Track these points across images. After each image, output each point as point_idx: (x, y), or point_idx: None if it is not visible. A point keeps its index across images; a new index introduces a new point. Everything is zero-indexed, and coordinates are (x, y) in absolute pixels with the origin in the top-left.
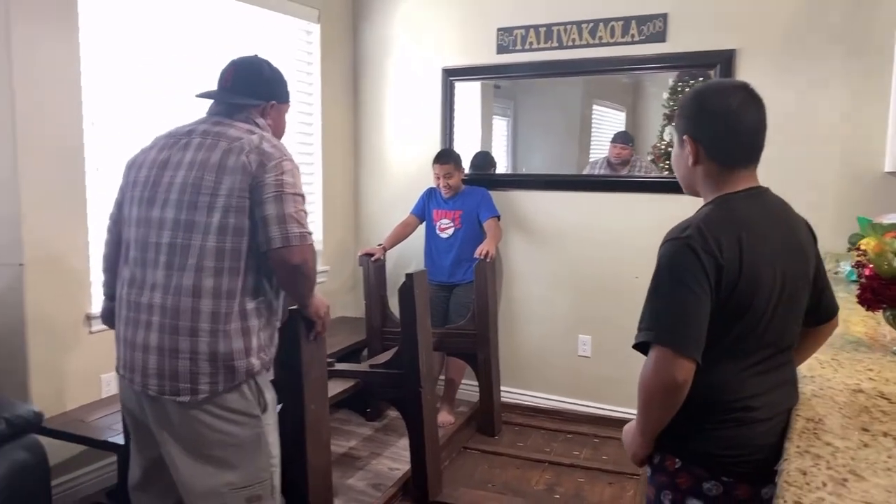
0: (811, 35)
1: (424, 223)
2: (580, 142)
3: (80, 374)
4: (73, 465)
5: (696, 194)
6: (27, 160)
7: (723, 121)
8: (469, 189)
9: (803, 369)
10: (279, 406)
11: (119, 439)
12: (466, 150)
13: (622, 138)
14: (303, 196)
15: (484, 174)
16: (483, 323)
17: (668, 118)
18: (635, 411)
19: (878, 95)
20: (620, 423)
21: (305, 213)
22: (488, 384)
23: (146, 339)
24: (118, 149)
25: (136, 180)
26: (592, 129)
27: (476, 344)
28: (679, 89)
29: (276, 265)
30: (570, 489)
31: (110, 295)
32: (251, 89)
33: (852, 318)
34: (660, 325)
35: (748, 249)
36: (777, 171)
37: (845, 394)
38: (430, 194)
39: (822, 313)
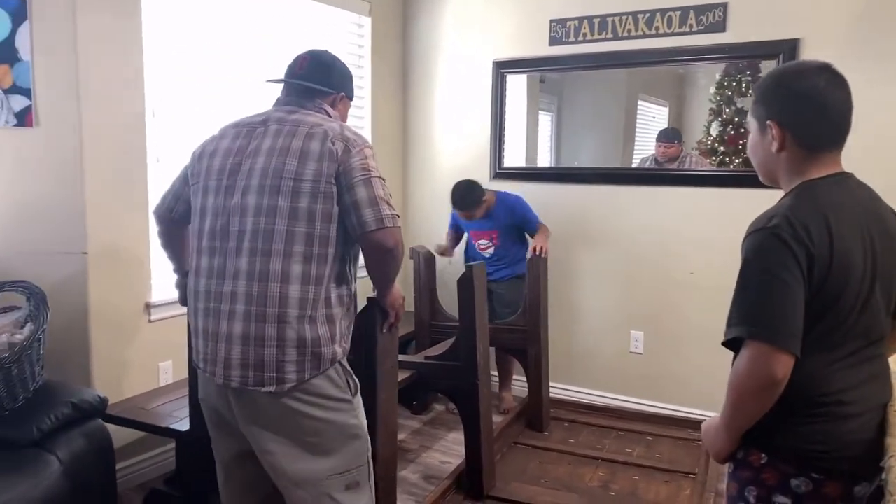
0: (879, 22)
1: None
2: (625, 137)
3: (139, 362)
4: (132, 452)
5: (776, 183)
6: (91, 150)
7: (811, 102)
8: (499, 201)
9: (892, 364)
10: None
11: (180, 426)
12: (514, 142)
13: (666, 136)
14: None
15: (529, 169)
16: (534, 319)
17: (715, 112)
18: (687, 409)
19: None
20: (673, 420)
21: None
22: (538, 380)
23: (230, 329)
24: (178, 139)
25: (210, 169)
26: (637, 125)
27: (527, 340)
28: (726, 83)
29: (369, 248)
30: (626, 487)
31: (184, 271)
32: (324, 78)
33: None
34: (753, 320)
35: (838, 236)
36: (846, 163)
37: None
38: (457, 216)
39: None
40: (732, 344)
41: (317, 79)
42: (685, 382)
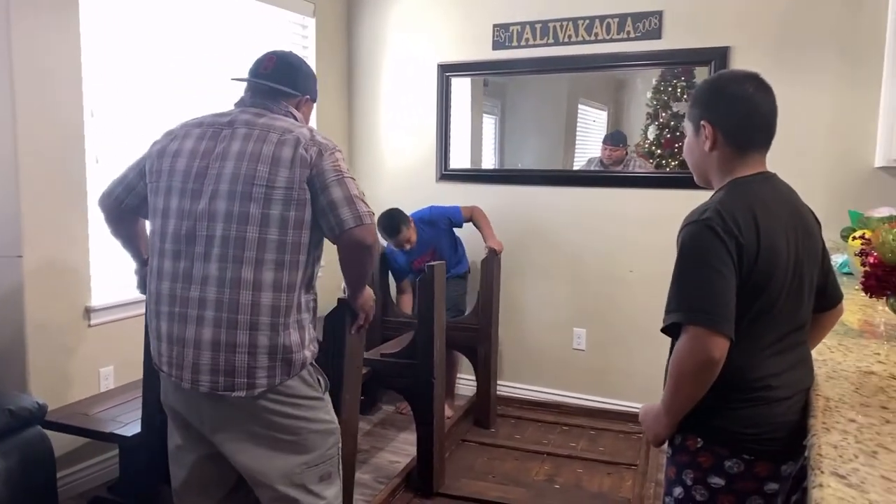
0: (803, 33)
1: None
2: (566, 140)
3: (79, 368)
4: (73, 459)
5: (708, 183)
6: (27, 151)
7: (740, 105)
8: (418, 222)
9: (814, 354)
10: None
11: (124, 431)
12: (459, 144)
13: (612, 139)
14: None
15: (474, 171)
16: (486, 317)
17: (652, 117)
18: (629, 403)
19: (869, 92)
20: (615, 414)
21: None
22: (486, 378)
23: (198, 335)
24: (118, 139)
25: (174, 170)
26: (578, 128)
27: (477, 338)
28: (662, 88)
29: (348, 247)
30: (570, 479)
31: (142, 259)
32: (290, 80)
33: (848, 307)
34: (691, 306)
35: (764, 229)
36: (769, 165)
37: (858, 375)
38: (394, 256)
39: (828, 298)
40: (671, 330)
41: (282, 80)
42: (626, 377)
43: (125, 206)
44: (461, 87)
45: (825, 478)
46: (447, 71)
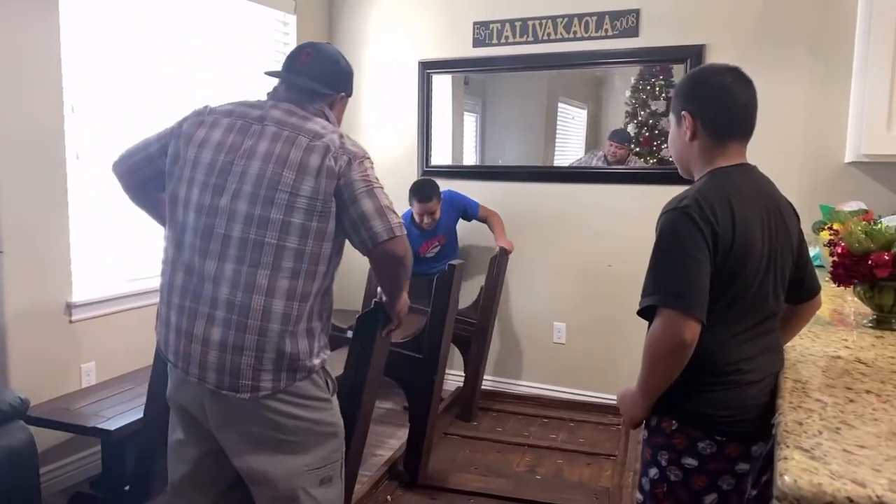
0: (776, 31)
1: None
2: (546, 137)
3: (60, 364)
4: (55, 456)
5: (691, 175)
6: (5, 146)
7: (718, 95)
8: (442, 204)
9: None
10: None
11: (107, 425)
12: (441, 141)
13: (618, 137)
14: None
15: (456, 167)
16: (486, 314)
17: (631, 115)
18: (608, 395)
19: (839, 89)
20: (594, 407)
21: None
22: (476, 373)
23: (207, 333)
24: (99, 134)
25: (198, 161)
26: (558, 126)
27: (474, 333)
28: (640, 87)
29: (381, 259)
30: (551, 470)
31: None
32: (327, 78)
33: None
34: (666, 290)
35: (740, 218)
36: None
37: (825, 360)
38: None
39: (805, 290)
40: (646, 313)
41: (319, 77)
42: (604, 370)
43: (139, 176)
44: (442, 85)
45: (790, 451)
46: (428, 68)
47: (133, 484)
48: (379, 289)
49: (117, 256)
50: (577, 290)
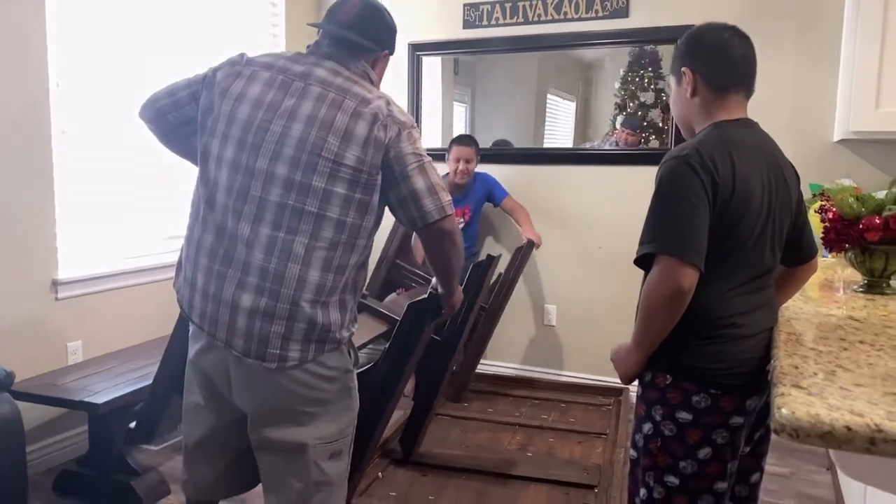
0: (765, 11)
1: None
2: (536, 119)
3: (45, 342)
4: (41, 434)
5: (693, 134)
6: None
7: (716, 49)
8: (475, 176)
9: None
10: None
11: (95, 399)
12: (431, 123)
13: (630, 124)
14: None
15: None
16: (499, 300)
17: (620, 107)
18: (597, 376)
19: (828, 68)
20: (585, 388)
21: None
22: (475, 356)
23: (237, 298)
24: (85, 111)
25: (233, 116)
26: (547, 113)
27: (484, 317)
28: (629, 79)
29: (432, 239)
30: (542, 448)
31: None
32: (373, 33)
33: None
34: (664, 237)
35: (740, 170)
36: None
37: (819, 317)
38: None
39: (803, 252)
40: (643, 262)
41: (365, 32)
42: (595, 352)
43: (167, 122)
44: (432, 67)
45: (787, 388)
46: (418, 50)
47: (138, 424)
48: (434, 279)
49: (104, 234)
50: (568, 272)
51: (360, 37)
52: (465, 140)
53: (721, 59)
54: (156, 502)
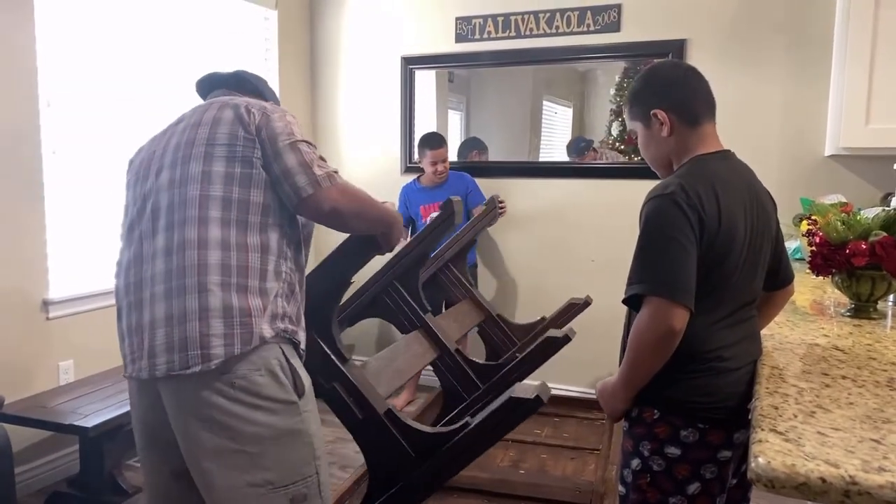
0: (756, 26)
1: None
2: (531, 132)
3: (37, 362)
4: (31, 456)
5: (670, 171)
6: None
7: (681, 85)
8: (453, 173)
9: (763, 330)
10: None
11: (84, 422)
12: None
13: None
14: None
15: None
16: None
17: (616, 113)
18: (591, 390)
19: (819, 83)
20: (578, 402)
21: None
22: None
23: (152, 315)
24: (76, 130)
25: (130, 171)
26: (543, 122)
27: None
28: (626, 85)
29: (312, 215)
30: (535, 465)
31: None
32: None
33: (798, 288)
34: (653, 277)
35: (724, 205)
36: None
37: (803, 347)
38: (409, 193)
39: (780, 278)
40: (632, 302)
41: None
42: (589, 365)
43: None
44: (426, 81)
45: (765, 434)
46: (411, 63)
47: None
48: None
49: (95, 253)
50: (560, 284)
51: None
52: (436, 142)
53: (689, 94)
54: None
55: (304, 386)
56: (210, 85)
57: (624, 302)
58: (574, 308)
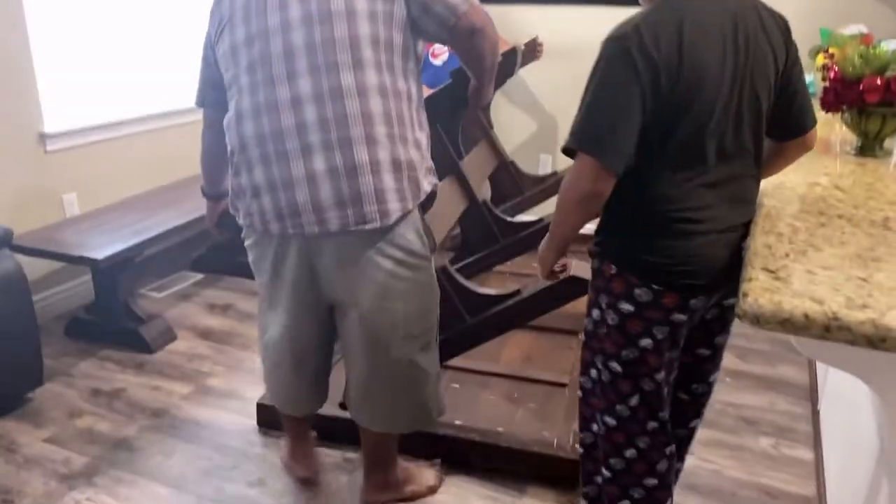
0: None
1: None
2: None
3: (39, 195)
4: (45, 285)
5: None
6: None
7: None
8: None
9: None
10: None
11: (94, 254)
12: None
13: None
14: None
15: None
16: None
17: None
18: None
19: None
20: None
21: None
22: None
23: (309, 167)
24: None
25: (234, 6)
26: None
27: None
28: None
29: (464, 35)
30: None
31: (214, 194)
32: None
33: None
34: (587, 132)
35: (689, 44)
36: None
37: (803, 187)
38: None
39: (791, 125)
40: (569, 153)
41: None
42: None
43: (208, 107)
44: None
45: (755, 272)
46: None
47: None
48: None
49: (90, 85)
50: (563, 122)
51: None
52: None
53: None
54: (163, 348)
55: (434, 245)
56: None
57: (563, 151)
58: None
